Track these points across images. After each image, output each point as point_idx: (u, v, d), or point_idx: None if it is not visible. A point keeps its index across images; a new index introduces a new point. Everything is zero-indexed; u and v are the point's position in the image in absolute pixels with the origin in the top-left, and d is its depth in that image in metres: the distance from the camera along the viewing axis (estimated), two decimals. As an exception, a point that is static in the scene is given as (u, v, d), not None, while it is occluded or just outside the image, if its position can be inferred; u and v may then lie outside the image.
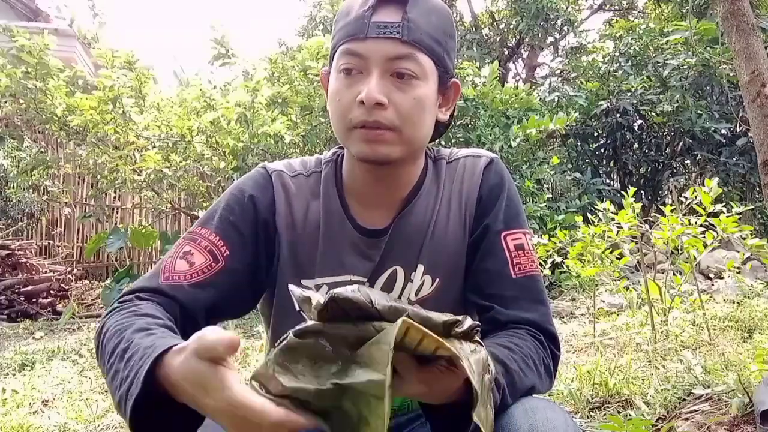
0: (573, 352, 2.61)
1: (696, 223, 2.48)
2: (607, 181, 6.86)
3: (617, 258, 2.83)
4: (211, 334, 0.53)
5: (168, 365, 0.56)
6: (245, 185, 0.88)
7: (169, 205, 5.33)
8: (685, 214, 2.63)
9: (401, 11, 0.78)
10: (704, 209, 2.41)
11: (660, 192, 6.82)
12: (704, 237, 2.45)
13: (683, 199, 2.71)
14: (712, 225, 2.39)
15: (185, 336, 0.60)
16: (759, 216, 6.43)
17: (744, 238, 2.33)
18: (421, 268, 0.87)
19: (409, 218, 0.88)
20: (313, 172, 0.92)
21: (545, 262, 3.22)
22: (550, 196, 5.56)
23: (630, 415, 1.70)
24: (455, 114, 0.94)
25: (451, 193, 0.90)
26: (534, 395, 0.75)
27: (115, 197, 7.14)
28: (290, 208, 0.88)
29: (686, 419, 1.63)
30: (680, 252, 2.75)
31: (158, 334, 0.64)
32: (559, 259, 3.18)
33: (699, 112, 5.91)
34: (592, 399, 1.90)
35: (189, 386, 0.53)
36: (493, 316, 0.82)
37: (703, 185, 2.43)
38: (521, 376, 0.72)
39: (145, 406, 0.56)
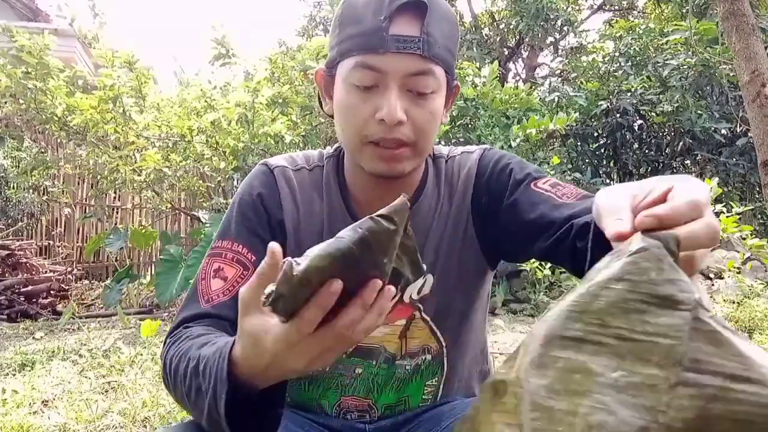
0: (573, 352, 2.60)
1: (696, 223, 2.48)
2: (607, 181, 6.86)
3: (617, 258, 2.83)
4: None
5: (235, 353, 0.59)
6: (252, 188, 0.88)
7: (169, 205, 5.33)
8: (685, 214, 2.63)
9: (419, 23, 0.76)
10: (704, 209, 2.41)
11: (660, 192, 6.82)
12: (704, 237, 2.45)
13: (683, 199, 2.70)
14: (712, 225, 2.39)
15: None
16: (759, 216, 6.43)
17: (744, 238, 2.34)
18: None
19: (412, 220, 0.88)
20: (315, 166, 0.91)
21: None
22: (550, 196, 5.56)
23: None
24: (455, 114, 0.94)
25: (449, 192, 0.90)
26: None
27: (115, 197, 7.14)
28: (295, 204, 0.88)
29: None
30: (680, 252, 2.75)
31: (218, 341, 0.66)
32: (559, 259, 3.18)
33: (699, 112, 5.91)
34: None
35: (251, 344, 0.57)
36: (573, 227, 0.72)
37: (703, 185, 2.44)
38: None
39: (232, 405, 0.59)
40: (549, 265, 3.31)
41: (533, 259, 0.85)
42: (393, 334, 0.87)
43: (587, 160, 6.78)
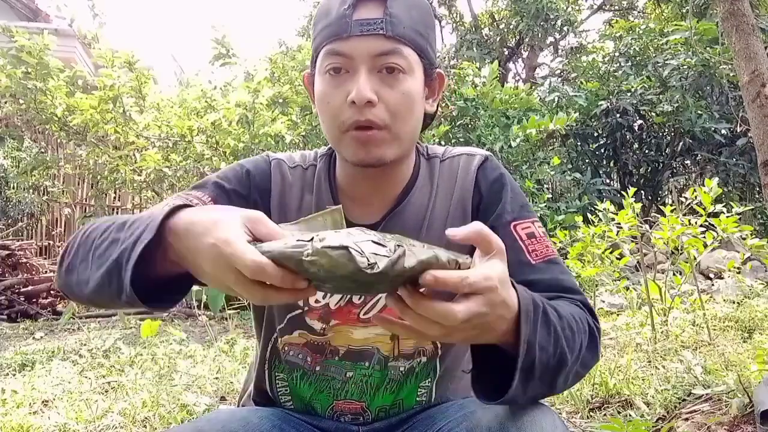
0: (573, 352, 2.60)
1: (696, 223, 2.48)
2: (607, 181, 6.87)
3: (617, 258, 2.83)
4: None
5: (182, 215, 0.60)
6: (245, 162, 0.91)
7: (169, 205, 5.32)
8: (685, 214, 2.63)
9: (382, 7, 0.78)
10: (704, 209, 2.41)
11: (660, 192, 6.83)
12: (704, 237, 2.45)
13: (683, 199, 2.71)
14: (712, 225, 2.39)
15: None
16: (759, 216, 6.43)
17: (744, 238, 2.34)
18: None
19: (401, 216, 0.88)
20: (310, 165, 0.93)
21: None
22: (550, 196, 5.57)
23: (630, 416, 1.70)
24: (455, 114, 0.94)
25: (446, 192, 0.90)
26: (581, 359, 0.72)
27: (115, 197, 7.14)
28: (284, 198, 0.89)
29: (686, 419, 1.63)
30: (680, 252, 2.75)
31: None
32: (559, 259, 3.18)
33: (699, 112, 5.91)
34: (592, 399, 1.90)
35: (200, 225, 0.57)
36: None
37: (703, 185, 2.44)
38: (570, 333, 0.68)
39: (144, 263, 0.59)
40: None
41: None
42: (385, 335, 0.86)
43: (587, 160, 6.78)
